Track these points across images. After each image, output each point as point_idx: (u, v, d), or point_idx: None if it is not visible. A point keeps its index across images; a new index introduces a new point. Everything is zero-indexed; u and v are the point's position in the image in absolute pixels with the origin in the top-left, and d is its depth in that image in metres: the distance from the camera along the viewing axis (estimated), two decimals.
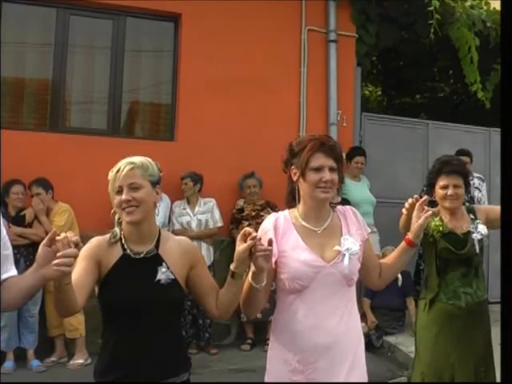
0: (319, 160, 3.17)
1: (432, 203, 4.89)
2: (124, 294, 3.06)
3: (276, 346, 3.32)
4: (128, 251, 3.17)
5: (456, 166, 4.86)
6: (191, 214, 8.21)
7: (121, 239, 3.20)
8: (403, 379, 7.09)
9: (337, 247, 3.23)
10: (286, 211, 3.38)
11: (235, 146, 8.69)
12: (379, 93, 16.02)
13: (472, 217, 4.89)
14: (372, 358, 7.85)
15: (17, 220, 7.44)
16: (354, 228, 3.34)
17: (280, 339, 3.29)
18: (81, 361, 7.54)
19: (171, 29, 9.03)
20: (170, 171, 7.93)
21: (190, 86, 8.77)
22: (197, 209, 8.27)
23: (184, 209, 8.28)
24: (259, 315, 8.23)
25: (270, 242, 2.98)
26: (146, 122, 9.28)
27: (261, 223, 3.53)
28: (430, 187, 5.01)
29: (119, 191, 3.11)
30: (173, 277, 3.13)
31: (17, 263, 7.23)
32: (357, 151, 9.21)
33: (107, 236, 3.21)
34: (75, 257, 2.62)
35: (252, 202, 8.55)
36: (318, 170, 3.17)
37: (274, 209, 8.34)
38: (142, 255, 3.16)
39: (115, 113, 8.68)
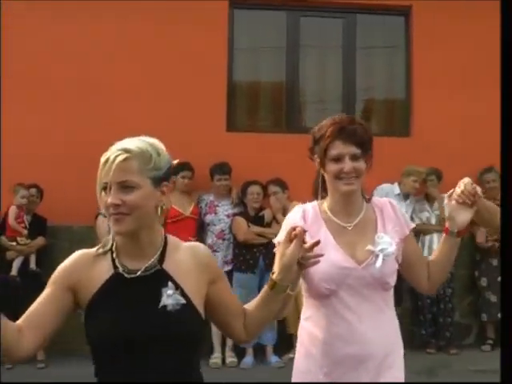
0: (338, 148, 2.78)
1: None
2: (115, 326, 2.26)
3: (302, 355, 2.94)
4: (120, 269, 2.35)
5: None
6: (430, 210, 8.05)
7: (112, 252, 2.39)
8: None
9: (369, 247, 2.81)
10: (315, 202, 2.98)
11: (473, 140, 8.37)
12: None
13: None
14: None
15: (256, 220, 7.66)
16: (390, 224, 2.90)
17: (306, 348, 2.91)
18: None
19: (402, 23, 8.91)
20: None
21: (425, 80, 8.59)
22: (436, 204, 8.08)
23: (423, 204, 8.16)
24: (500, 315, 7.94)
25: (318, 243, 2.45)
26: (380, 119, 9.23)
27: None
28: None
29: (107, 188, 2.28)
30: (184, 301, 2.30)
31: (256, 261, 7.48)
32: None
33: (94, 249, 2.42)
34: None
35: (492, 197, 8.21)
36: (338, 159, 2.78)
37: None
38: (138, 273, 2.33)
39: (349, 111, 8.64)
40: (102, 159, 2.28)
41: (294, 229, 2.44)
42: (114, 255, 2.38)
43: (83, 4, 8.05)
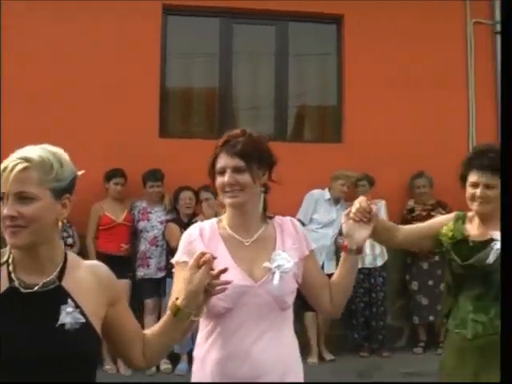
0: (221, 161, 2.79)
1: None
2: (11, 343, 2.09)
3: (196, 373, 2.85)
4: (16, 283, 2.19)
5: (492, 160, 3.57)
6: None
7: (8, 265, 2.23)
8: None
9: (266, 264, 2.75)
10: (214, 220, 2.96)
11: (404, 146, 8.51)
12: None
13: None
14: None
15: (189, 226, 7.59)
16: (289, 242, 2.86)
17: (202, 368, 2.81)
18: None
19: (334, 30, 9.01)
20: None
21: (356, 86, 8.70)
22: None
23: None
24: (432, 317, 8.09)
25: (225, 271, 2.42)
26: (313, 126, 9.32)
27: None
28: (462, 181, 3.74)
29: (4, 199, 2.15)
30: (83, 320, 2.19)
31: None
32: None
33: None
34: None
35: (422, 202, 8.37)
36: (222, 172, 2.77)
37: (445, 208, 8.17)
38: (35, 288, 2.18)
39: (282, 117, 8.77)
40: (1, 167, 2.14)
41: (202, 254, 2.40)
42: (11, 268, 2.21)
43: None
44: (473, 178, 3.63)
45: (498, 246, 3.51)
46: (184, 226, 7.56)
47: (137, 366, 2.47)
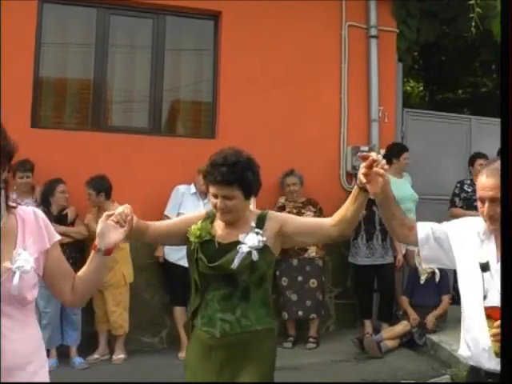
0: None
1: None
2: None
3: None
4: None
5: (224, 174, 3.70)
6: None
7: None
8: (446, 377, 7.00)
9: (7, 264, 2.74)
10: None
11: (276, 144, 8.63)
12: (421, 88, 15.95)
13: (253, 224, 3.79)
14: (415, 355, 7.79)
15: (59, 218, 7.49)
16: (31, 238, 2.86)
17: None
18: (122, 356, 7.65)
19: (211, 27, 9.03)
20: None
21: (231, 83, 8.76)
22: None
23: None
24: (301, 313, 8.23)
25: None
26: (187, 121, 9.29)
27: None
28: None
29: None
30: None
31: None
32: (403, 147, 9.10)
33: None
34: None
35: (293, 199, 8.50)
36: None
37: (316, 206, 8.35)
38: None
39: (156, 111, 8.73)
40: None
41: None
42: None
43: None
44: (212, 190, 3.76)
45: (243, 249, 3.67)
46: (54, 219, 7.44)
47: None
